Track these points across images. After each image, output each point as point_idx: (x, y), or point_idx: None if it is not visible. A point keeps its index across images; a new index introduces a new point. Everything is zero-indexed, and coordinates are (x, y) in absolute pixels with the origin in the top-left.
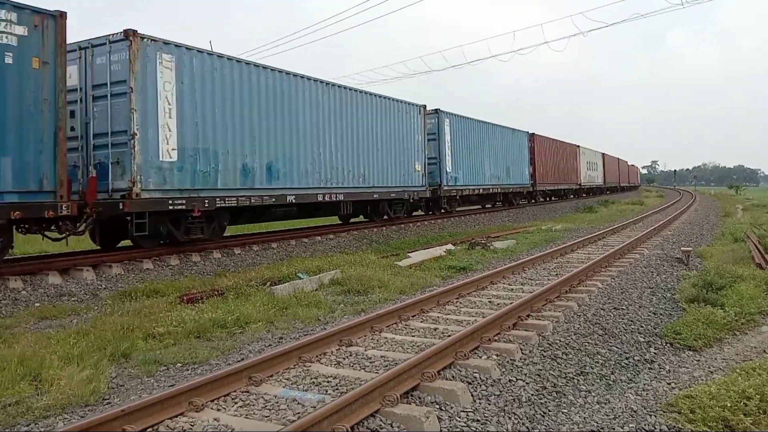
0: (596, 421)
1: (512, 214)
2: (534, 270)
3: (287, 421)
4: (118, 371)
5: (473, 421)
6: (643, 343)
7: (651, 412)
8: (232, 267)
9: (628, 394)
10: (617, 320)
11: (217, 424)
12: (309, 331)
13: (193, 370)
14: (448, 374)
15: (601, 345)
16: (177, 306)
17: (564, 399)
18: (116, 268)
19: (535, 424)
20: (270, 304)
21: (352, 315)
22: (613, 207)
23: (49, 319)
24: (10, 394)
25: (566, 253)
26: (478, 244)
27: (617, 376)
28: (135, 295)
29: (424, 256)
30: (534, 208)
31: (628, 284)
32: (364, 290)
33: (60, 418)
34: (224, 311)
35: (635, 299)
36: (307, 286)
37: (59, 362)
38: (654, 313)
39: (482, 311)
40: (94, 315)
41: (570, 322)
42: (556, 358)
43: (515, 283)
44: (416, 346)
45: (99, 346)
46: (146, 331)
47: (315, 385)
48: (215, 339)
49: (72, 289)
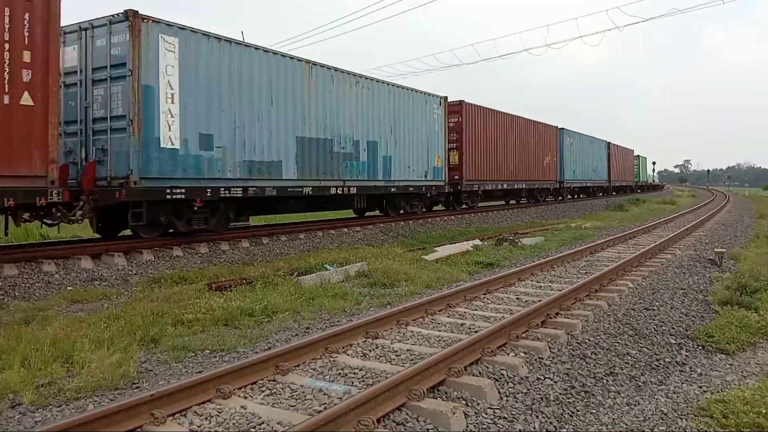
0: (625, 423)
1: (540, 211)
2: (563, 268)
3: (313, 411)
4: (147, 356)
5: (500, 418)
6: (674, 345)
7: (682, 416)
8: (260, 256)
9: (659, 396)
10: (648, 321)
11: (244, 412)
12: (335, 323)
13: (220, 357)
14: (475, 370)
15: (631, 345)
16: (205, 293)
17: (593, 399)
18: (147, 255)
19: (563, 424)
20: (297, 294)
21: (378, 308)
22: (644, 206)
23: (81, 302)
24: (43, 375)
25: (596, 252)
26: (506, 240)
27: (647, 378)
28: (164, 281)
29: (451, 251)
30: (562, 205)
31: (659, 285)
32: (390, 283)
33: (90, 400)
34: (252, 300)
35: (667, 300)
36: (333, 278)
37: (90, 345)
38: (686, 315)
39: (510, 308)
40: (125, 300)
41: (600, 321)
42: (585, 358)
43: (544, 280)
44: (443, 340)
45: (129, 331)
46: (175, 318)
47: (341, 376)
48: (243, 327)
49: (103, 274)
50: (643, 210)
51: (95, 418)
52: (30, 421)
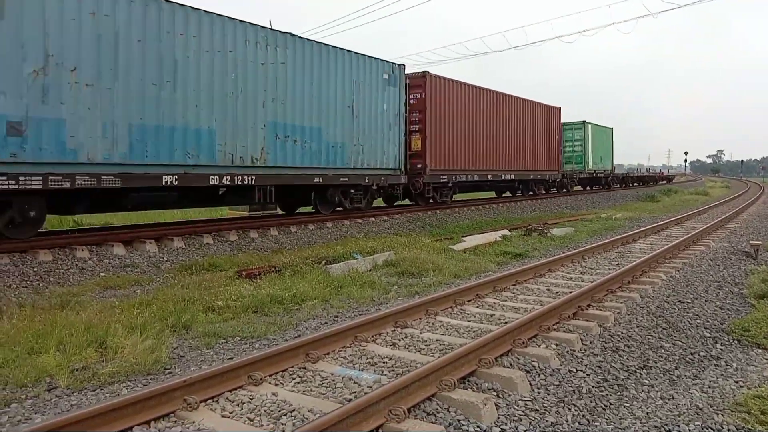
0: (659, 417)
1: (570, 201)
2: (594, 259)
3: (344, 399)
4: (179, 342)
5: (532, 410)
6: (709, 338)
7: (718, 411)
8: (288, 245)
9: (693, 390)
10: (682, 314)
11: (275, 399)
12: (363, 311)
13: (251, 344)
14: (505, 361)
15: (665, 339)
16: (235, 281)
17: (626, 393)
18: (177, 242)
19: (595, 417)
20: (325, 282)
21: (406, 297)
22: (676, 197)
23: (114, 288)
24: (78, 359)
25: (627, 243)
26: (535, 230)
27: (681, 372)
28: (195, 268)
29: (479, 241)
30: (592, 195)
31: (693, 277)
32: (418, 273)
33: (124, 385)
34: (281, 287)
35: (701, 293)
36: (361, 267)
37: (123, 331)
38: (721, 308)
39: (540, 299)
40: (156, 286)
41: (632, 313)
42: (618, 350)
43: (574, 271)
44: (472, 331)
45: (161, 317)
46: (206, 304)
47: (371, 365)
48: (272, 314)
49: (135, 261)
50: (674, 201)
51: (130, 402)
52: (66, 404)
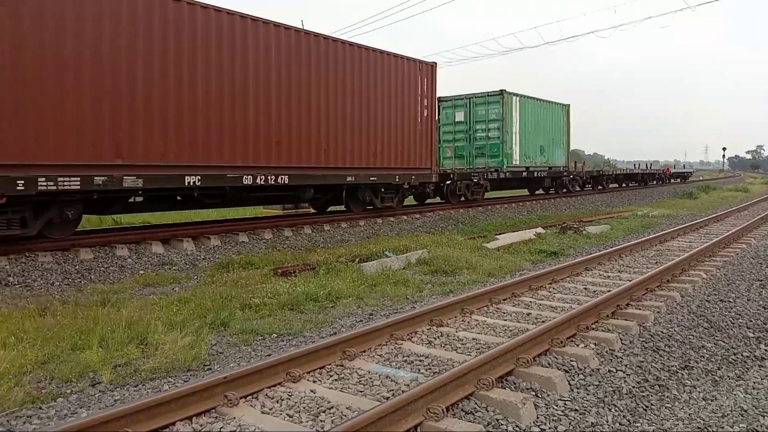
0: (702, 419)
1: (605, 198)
2: (631, 257)
3: (382, 397)
4: (218, 339)
5: (571, 410)
6: (752, 338)
7: (764, 413)
8: (321, 243)
9: (737, 392)
10: (723, 313)
11: (313, 396)
12: (398, 309)
13: (287, 341)
14: (544, 361)
15: (707, 339)
16: (271, 278)
17: (667, 393)
18: (214, 240)
19: (636, 418)
20: (359, 280)
21: (440, 295)
22: (715, 194)
23: (153, 286)
24: (120, 355)
25: (665, 241)
26: (570, 228)
27: (724, 373)
28: (231, 266)
29: (513, 239)
30: (627, 192)
31: (734, 276)
32: (451, 271)
33: (165, 380)
34: (316, 285)
35: (743, 292)
36: (394, 265)
37: (163, 327)
38: (764, 308)
39: (578, 298)
40: (194, 284)
41: (672, 313)
42: (659, 350)
43: (612, 270)
44: (509, 330)
45: (199, 314)
46: (243, 302)
47: (407, 363)
48: (308, 312)
49: (173, 259)
50: (713, 198)
51: (172, 398)
52: (109, 399)
